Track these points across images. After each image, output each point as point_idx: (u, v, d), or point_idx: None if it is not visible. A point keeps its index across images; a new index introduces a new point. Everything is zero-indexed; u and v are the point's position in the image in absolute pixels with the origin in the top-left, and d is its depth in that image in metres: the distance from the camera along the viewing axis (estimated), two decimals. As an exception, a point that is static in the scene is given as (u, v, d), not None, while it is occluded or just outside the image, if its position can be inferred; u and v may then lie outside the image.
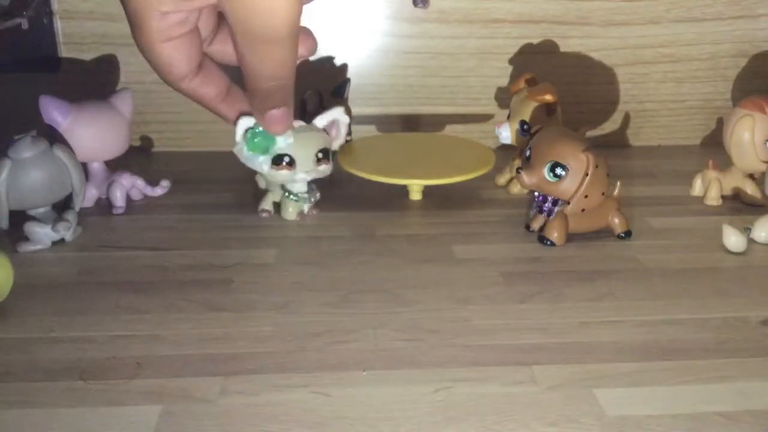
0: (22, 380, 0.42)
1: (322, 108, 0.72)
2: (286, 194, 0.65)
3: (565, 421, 0.39)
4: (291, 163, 0.61)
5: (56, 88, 0.66)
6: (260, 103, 0.35)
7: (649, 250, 0.60)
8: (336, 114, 0.63)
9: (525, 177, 0.59)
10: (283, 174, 0.61)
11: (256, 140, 0.59)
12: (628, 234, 0.62)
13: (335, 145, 0.65)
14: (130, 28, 0.31)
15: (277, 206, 0.66)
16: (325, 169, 0.63)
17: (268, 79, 0.33)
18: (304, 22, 0.33)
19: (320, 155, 0.62)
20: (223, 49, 0.36)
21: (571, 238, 0.61)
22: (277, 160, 0.61)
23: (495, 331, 0.48)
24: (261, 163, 0.61)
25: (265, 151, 0.60)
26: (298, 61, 0.34)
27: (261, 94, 0.34)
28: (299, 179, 0.63)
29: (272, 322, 0.49)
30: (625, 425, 0.39)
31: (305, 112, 0.72)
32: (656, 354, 0.46)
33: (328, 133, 0.64)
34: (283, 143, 0.60)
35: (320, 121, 0.63)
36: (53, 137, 0.61)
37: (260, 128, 0.59)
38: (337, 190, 0.72)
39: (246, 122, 0.59)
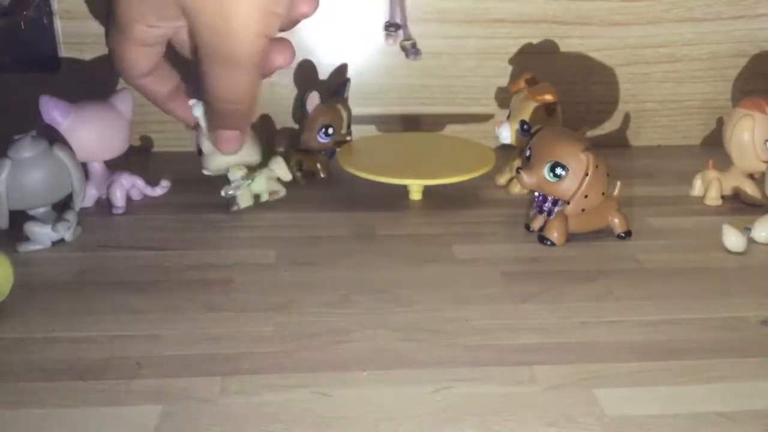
0: (22, 380, 0.42)
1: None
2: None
3: (565, 421, 0.39)
4: None
5: (56, 88, 0.66)
6: (214, 119, 0.35)
7: (649, 250, 0.60)
8: None
9: (525, 177, 0.59)
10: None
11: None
12: (628, 234, 0.62)
13: None
14: (106, 27, 0.33)
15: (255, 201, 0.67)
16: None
17: (224, 100, 0.33)
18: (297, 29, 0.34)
19: None
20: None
21: (571, 238, 0.61)
22: None
23: (495, 331, 0.48)
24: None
25: None
26: (274, 72, 0.35)
27: (216, 112, 0.34)
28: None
29: (272, 322, 0.49)
30: (625, 425, 0.39)
31: (305, 111, 0.72)
32: (656, 354, 0.46)
33: None
34: None
35: None
36: (53, 137, 0.61)
37: None
38: (337, 190, 0.72)
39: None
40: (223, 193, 0.65)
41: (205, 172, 0.66)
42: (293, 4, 0.33)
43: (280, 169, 0.68)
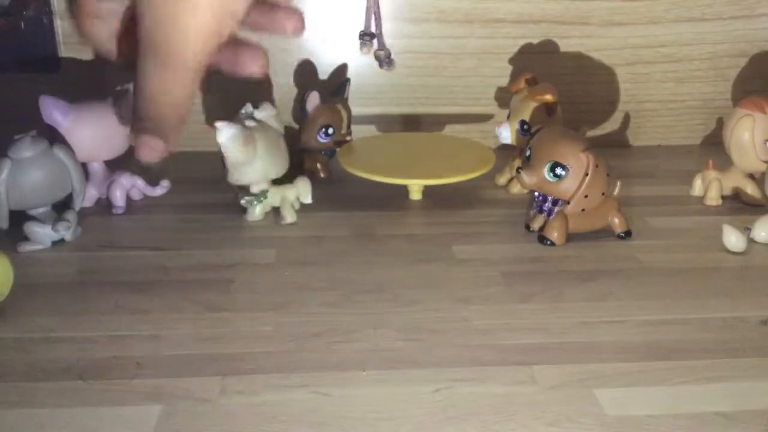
0: (22, 380, 0.42)
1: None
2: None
3: (565, 421, 0.39)
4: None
5: (56, 88, 0.66)
6: (140, 123, 0.32)
7: (649, 250, 0.60)
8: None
9: (525, 177, 0.59)
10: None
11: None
12: (628, 234, 0.62)
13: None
14: None
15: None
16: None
17: (155, 100, 0.31)
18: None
19: None
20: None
21: (571, 238, 0.61)
22: None
23: (495, 331, 0.48)
24: None
25: None
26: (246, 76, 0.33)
27: (144, 113, 0.32)
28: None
29: (272, 322, 0.49)
30: (625, 425, 0.39)
31: (305, 111, 0.72)
32: (656, 354, 0.46)
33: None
34: None
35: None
36: (53, 137, 0.61)
37: None
38: (337, 190, 0.72)
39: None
40: (242, 202, 0.65)
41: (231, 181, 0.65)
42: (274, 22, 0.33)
43: (303, 188, 0.66)
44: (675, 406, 0.41)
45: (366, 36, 0.68)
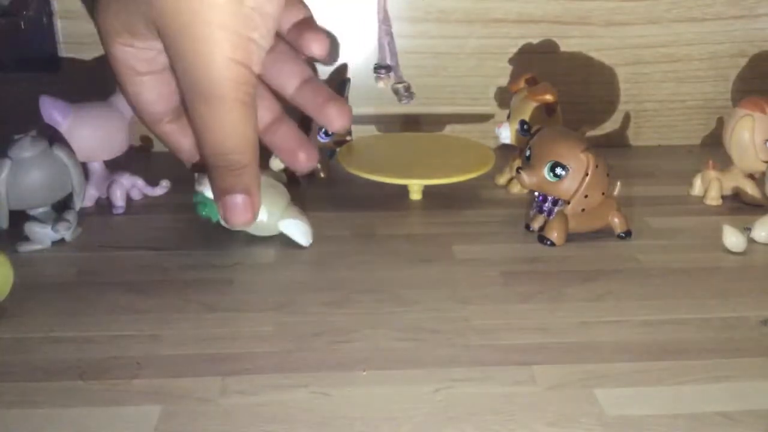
0: (22, 380, 0.42)
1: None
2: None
3: (565, 421, 0.39)
4: None
5: (56, 88, 0.66)
6: (215, 184, 0.29)
7: (649, 250, 0.60)
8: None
9: (525, 177, 0.59)
10: None
11: (204, 212, 0.57)
12: (628, 234, 0.62)
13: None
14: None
15: None
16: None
17: (216, 151, 0.28)
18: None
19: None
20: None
21: (571, 238, 0.61)
22: None
23: (495, 331, 0.48)
24: None
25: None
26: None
27: (213, 173, 0.29)
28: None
29: (272, 322, 0.49)
30: (625, 425, 0.39)
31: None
32: (656, 354, 0.46)
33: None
34: None
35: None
36: (53, 137, 0.61)
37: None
38: (337, 190, 0.72)
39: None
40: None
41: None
42: (301, 45, 0.32)
43: None
44: (675, 406, 0.41)
45: (381, 69, 0.67)
